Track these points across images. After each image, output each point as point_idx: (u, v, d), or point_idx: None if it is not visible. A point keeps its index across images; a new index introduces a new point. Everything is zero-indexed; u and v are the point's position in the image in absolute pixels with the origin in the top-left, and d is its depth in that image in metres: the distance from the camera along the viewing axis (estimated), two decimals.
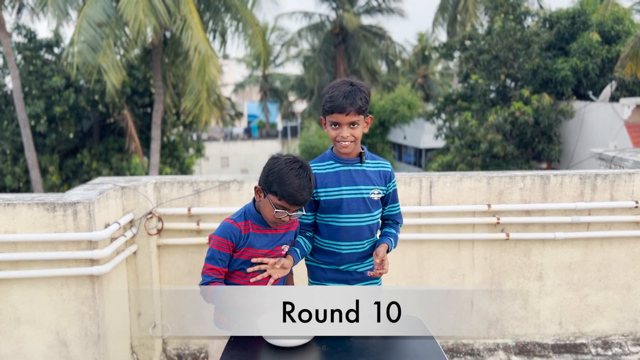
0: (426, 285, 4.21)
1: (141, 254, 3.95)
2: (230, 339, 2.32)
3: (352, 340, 2.28)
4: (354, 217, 2.61)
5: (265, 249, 2.53)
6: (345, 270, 2.69)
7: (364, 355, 2.15)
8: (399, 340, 2.30)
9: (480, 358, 4.24)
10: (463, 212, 4.08)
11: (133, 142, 16.41)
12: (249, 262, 2.51)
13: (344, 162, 2.64)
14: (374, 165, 2.68)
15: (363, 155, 2.65)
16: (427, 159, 23.78)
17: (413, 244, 4.15)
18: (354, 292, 2.58)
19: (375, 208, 2.66)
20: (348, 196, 2.60)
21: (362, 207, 2.62)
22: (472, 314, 4.28)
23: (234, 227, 2.49)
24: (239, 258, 2.52)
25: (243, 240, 2.49)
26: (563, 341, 4.32)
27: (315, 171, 2.62)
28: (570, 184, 4.10)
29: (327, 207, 2.62)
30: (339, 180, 2.62)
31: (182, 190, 4.00)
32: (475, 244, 4.16)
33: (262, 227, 2.53)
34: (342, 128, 2.52)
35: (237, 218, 2.52)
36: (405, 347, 2.21)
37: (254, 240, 2.50)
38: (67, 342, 3.50)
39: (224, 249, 2.48)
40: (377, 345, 2.25)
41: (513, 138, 17.11)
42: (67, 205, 3.33)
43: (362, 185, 2.62)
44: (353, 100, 2.47)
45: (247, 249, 2.50)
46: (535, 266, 4.21)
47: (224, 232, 2.49)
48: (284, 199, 2.39)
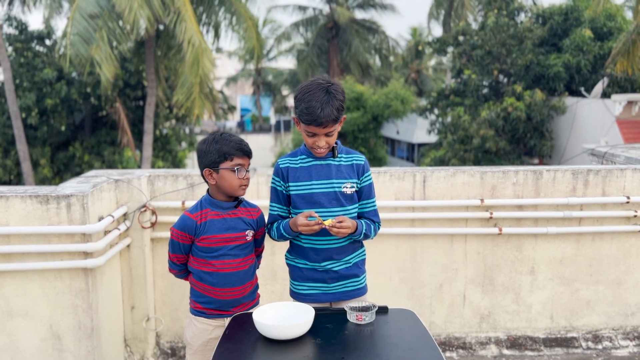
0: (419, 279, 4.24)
1: (135, 247, 3.94)
2: (225, 332, 2.33)
3: (346, 333, 2.30)
4: (327, 211, 2.58)
5: (226, 233, 2.60)
6: (322, 269, 2.63)
7: (358, 349, 2.16)
8: (392, 333, 2.31)
9: (472, 352, 4.27)
10: (456, 207, 4.10)
11: (125, 135, 16.35)
12: (211, 249, 2.60)
13: (316, 157, 2.62)
14: (347, 159, 2.66)
15: (335, 149, 2.62)
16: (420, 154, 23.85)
17: (406, 238, 4.17)
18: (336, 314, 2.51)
19: (349, 203, 2.62)
20: (319, 190, 2.59)
21: (334, 201, 2.59)
22: (464, 308, 4.31)
23: (189, 219, 2.60)
24: (201, 246, 2.60)
25: (200, 229, 2.58)
26: (554, 335, 4.36)
27: (286, 165, 2.64)
28: (563, 179, 4.12)
29: (299, 201, 2.61)
30: (310, 174, 2.60)
31: (176, 183, 4.00)
32: (468, 238, 4.19)
33: (220, 212, 2.62)
34: (318, 137, 2.51)
35: (193, 209, 2.64)
36: (399, 340, 2.23)
37: (211, 226, 2.59)
38: (61, 335, 3.50)
39: (182, 239, 2.61)
40: (370, 338, 2.26)
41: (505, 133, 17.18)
42: (61, 198, 3.32)
43: (334, 179, 2.59)
44: (330, 112, 2.43)
45: (206, 237, 2.59)
46: (527, 261, 4.24)
47: (181, 225, 2.62)
48: (235, 155, 2.54)
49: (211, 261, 2.60)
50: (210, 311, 2.66)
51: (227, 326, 2.38)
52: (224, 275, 2.61)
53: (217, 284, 2.62)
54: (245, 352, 2.17)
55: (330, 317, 2.44)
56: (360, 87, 22.65)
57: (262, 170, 4.13)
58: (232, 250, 2.62)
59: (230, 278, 2.62)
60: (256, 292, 2.80)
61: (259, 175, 4.06)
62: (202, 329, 2.67)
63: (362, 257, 2.75)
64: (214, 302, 2.64)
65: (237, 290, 2.65)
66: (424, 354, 2.09)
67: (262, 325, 2.21)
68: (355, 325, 2.37)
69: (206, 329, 2.67)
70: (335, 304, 2.76)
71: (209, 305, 2.65)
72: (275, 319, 2.31)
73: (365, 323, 2.37)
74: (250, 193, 4.02)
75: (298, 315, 2.32)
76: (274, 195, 2.68)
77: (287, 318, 2.32)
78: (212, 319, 2.66)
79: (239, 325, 2.40)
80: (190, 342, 2.70)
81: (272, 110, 40.72)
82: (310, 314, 2.28)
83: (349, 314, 2.41)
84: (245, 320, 2.42)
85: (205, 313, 2.66)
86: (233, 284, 2.64)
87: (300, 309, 2.36)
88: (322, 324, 2.35)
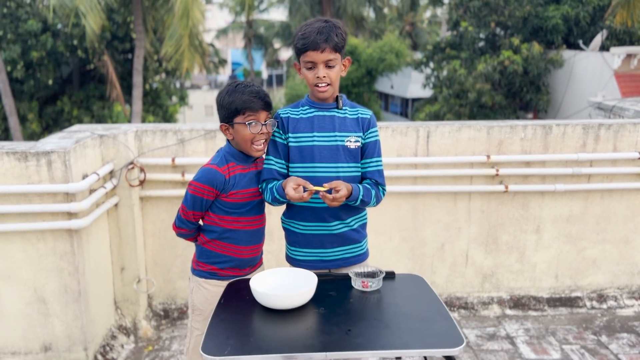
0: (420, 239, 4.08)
1: (123, 206, 3.74)
2: (220, 300, 2.15)
3: (351, 302, 2.12)
4: (329, 166, 2.37)
5: (253, 187, 2.44)
6: (320, 232, 2.42)
7: (365, 319, 1.99)
8: (401, 301, 2.14)
9: (474, 312, 4.15)
10: (461, 164, 3.91)
11: (114, 89, 15.92)
12: (240, 205, 2.40)
13: (319, 107, 2.41)
14: (352, 112, 2.44)
15: (340, 99, 2.41)
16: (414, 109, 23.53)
17: (408, 197, 3.98)
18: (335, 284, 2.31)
19: (352, 159, 2.41)
20: (321, 143, 2.38)
21: (337, 156, 2.38)
22: (466, 268, 4.17)
23: (219, 173, 2.37)
24: (229, 202, 2.39)
25: (229, 184, 2.37)
26: (558, 294, 4.24)
27: (287, 115, 2.43)
28: (573, 134, 3.92)
29: (298, 154, 2.39)
30: (312, 125, 2.39)
31: (165, 139, 3.77)
32: (473, 196, 4.01)
33: (245, 166, 2.43)
34: (317, 68, 2.29)
35: (219, 162, 2.40)
36: (409, 310, 2.06)
37: (240, 180, 2.40)
38: (46, 299, 3.33)
39: (208, 195, 2.38)
40: (378, 307, 2.09)
41: (501, 88, 16.88)
42: (41, 155, 3.09)
43: (337, 132, 2.38)
44: (328, 36, 2.25)
45: (235, 191, 2.38)
46: (533, 219, 4.08)
47: (209, 179, 2.37)
48: (247, 109, 2.33)
49: (238, 217, 2.42)
50: (224, 272, 2.47)
51: (222, 295, 2.20)
52: (251, 232, 2.47)
53: (242, 242, 2.45)
54: (243, 323, 2.00)
55: (333, 284, 2.27)
56: (354, 40, 22.15)
57: None
58: (257, 205, 2.47)
59: (255, 234, 2.49)
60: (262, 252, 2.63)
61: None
62: (214, 292, 2.44)
63: (363, 221, 2.53)
64: (233, 261, 2.47)
65: (257, 248, 2.53)
66: (438, 325, 1.93)
67: (261, 294, 2.03)
68: (360, 292, 2.20)
69: (219, 291, 2.41)
70: (334, 271, 2.58)
71: (225, 265, 2.46)
72: (275, 287, 2.13)
73: (371, 290, 2.20)
74: None
75: (299, 283, 2.14)
76: (272, 148, 2.44)
77: (288, 286, 2.14)
78: (225, 280, 2.46)
79: (235, 293, 2.22)
80: (201, 308, 2.49)
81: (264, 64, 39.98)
82: (312, 282, 2.10)
83: (353, 280, 2.23)
84: (242, 287, 2.24)
85: (218, 275, 2.47)
86: (256, 240, 2.51)
87: (302, 276, 2.18)
88: (325, 291, 2.18)
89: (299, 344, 1.83)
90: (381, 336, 1.86)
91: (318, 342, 1.83)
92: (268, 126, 2.37)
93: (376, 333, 1.88)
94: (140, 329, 3.91)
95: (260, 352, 1.78)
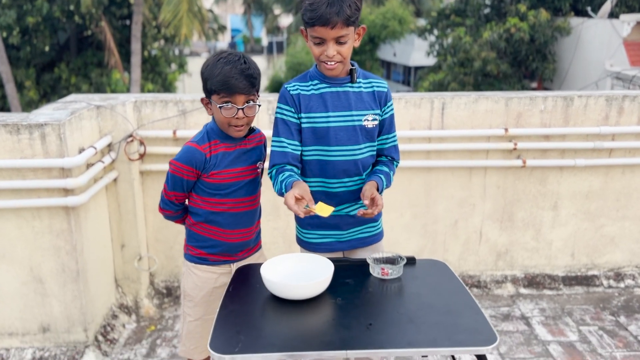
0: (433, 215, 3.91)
1: (122, 181, 3.56)
2: (229, 289, 1.98)
3: (370, 291, 1.96)
4: (345, 149, 2.17)
5: (239, 167, 2.21)
6: (337, 214, 2.23)
7: (386, 311, 1.83)
8: (424, 290, 1.98)
9: (487, 290, 4.01)
10: (477, 137, 3.71)
11: (112, 56, 15.59)
12: (223, 186, 2.20)
13: (330, 82, 2.17)
14: (367, 85, 2.21)
15: (354, 73, 2.16)
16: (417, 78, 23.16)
17: (420, 172, 3.80)
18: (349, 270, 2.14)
19: (370, 139, 2.22)
20: (337, 124, 2.16)
21: (354, 137, 2.17)
22: (480, 245, 4.01)
23: (198, 152, 2.16)
24: (211, 183, 2.19)
25: (210, 163, 2.16)
26: (574, 273, 4.09)
27: (297, 92, 2.17)
28: (595, 106, 3.72)
29: (311, 136, 2.17)
30: (325, 104, 2.16)
31: (166, 110, 3.57)
32: (488, 171, 3.83)
33: (231, 144, 2.20)
34: (326, 45, 2.04)
35: (200, 140, 2.18)
36: (434, 300, 1.89)
37: (223, 160, 2.18)
38: (43, 279, 3.17)
39: (187, 175, 2.19)
40: (399, 298, 1.93)
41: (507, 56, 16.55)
42: (33, 128, 2.89)
43: (353, 111, 2.16)
44: (340, 9, 1.97)
45: (217, 172, 2.18)
46: (550, 195, 3.91)
47: (188, 158, 2.17)
48: (222, 91, 2.07)
49: (222, 200, 2.22)
50: (215, 257, 2.31)
51: (230, 283, 2.03)
52: (237, 215, 2.26)
53: (228, 225, 2.26)
54: (254, 315, 1.84)
55: (350, 271, 2.10)
56: None
57: None
58: (246, 186, 2.25)
59: (243, 218, 2.28)
60: (260, 235, 2.46)
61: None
62: (205, 278, 2.32)
63: None
64: (221, 246, 2.29)
65: (247, 231, 2.32)
66: (467, 319, 1.76)
67: (274, 284, 1.86)
68: (379, 280, 2.03)
69: (210, 277, 2.32)
70: (348, 253, 2.42)
71: (214, 250, 2.30)
72: (288, 275, 1.96)
73: (390, 278, 2.04)
74: None
75: (315, 271, 1.97)
76: (284, 128, 2.17)
77: (302, 274, 1.97)
78: (216, 265, 2.32)
79: (244, 281, 2.05)
80: (191, 294, 2.35)
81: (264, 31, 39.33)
82: (329, 270, 1.92)
83: (372, 267, 2.07)
84: (251, 274, 2.08)
85: (208, 260, 2.31)
86: (245, 224, 2.30)
87: (317, 263, 2.00)
88: (341, 278, 2.01)
89: (317, 340, 1.67)
90: (405, 332, 1.70)
91: (337, 338, 1.67)
92: (248, 110, 2.11)
93: (400, 328, 1.72)
94: (142, 308, 3.77)
95: (275, 349, 1.62)
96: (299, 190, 1.95)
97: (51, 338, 3.29)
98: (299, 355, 1.62)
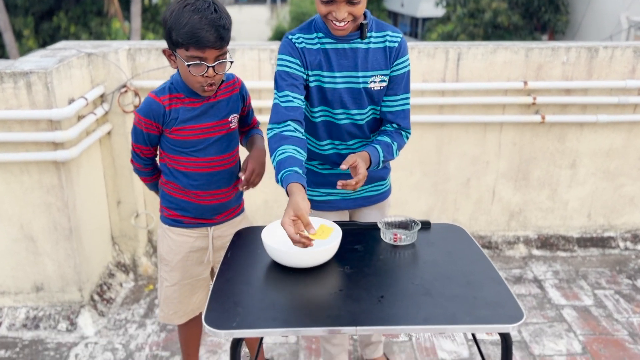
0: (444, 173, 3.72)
1: (116, 134, 3.36)
2: (227, 255, 1.81)
3: (381, 259, 1.79)
4: (348, 113, 1.97)
5: (205, 122, 1.98)
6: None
7: (400, 282, 1.66)
8: (440, 258, 1.80)
9: (498, 252, 3.86)
10: (494, 91, 3.48)
11: (112, 4, 15.15)
12: (189, 143, 1.99)
13: (337, 37, 1.91)
14: (379, 39, 1.94)
15: (365, 28, 1.90)
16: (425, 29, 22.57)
17: (432, 128, 3.59)
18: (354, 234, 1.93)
19: (374, 102, 2.00)
20: (341, 85, 1.93)
21: (357, 100, 1.96)
22: (492, 204, 3.83)
23: (155, 103, 1.94)
24: (174, 139, 1.98)
25: (170, 117, 1.94)
26: (590, 234, 3.92)
27: (304, 47, 1.92)
28: (622, 58, 3.47)
29: (318, 96, 1.96)
30: (329, 62, 1.92)
31: (162, 59, 3.34)
32: (504, 127, 3.62)
33: (197, 99, 1.96)
34: (337, 5, 1.79)
35: (160, 91, 1.96)
36: (451, 270, 1.72)
37: (186, 114, 1.95)
38: (34, 237, 3.02)
39: (149, 129, 1.99)
40: (413, 267, 1.76)
41: (518, 7, 16.05)
42: (18, 76, 2.68)
43: (359, 72, 1.93)
44: None
45: (179, 127, 1.96)
46: (569, 153, 3.70)
47: (145, 110, 1.97)
48: (189, 45, 1.79)
49: (190, 158, 2.01)
50: (189, 219, 2.13)
51: (228, 248, 1.86)
52: (207, 175, 2.05)
53: (200, 187, 2.06)
54: (253, 284, 1.66)
55: (359, 236, 1.93)
56: None
57: (262, 45, 3.47)
58: (216, 143, 2.02)
59: (214, 178, 2.07)
60: (242, 196, 2.26)
61: (261, 51, 3.39)
62: (180, 242, 2.15)
63: None
64: (194, 209, 2.10)
65: (224, 193, 2.11)
66: (488, 291, 1.59)
67: (276, 251, 1.68)
68: (391, 247, 1.86)
69: (185, 241, 2.15)
70: (352, 212, 2.26)
71: (187, 213, 2.11)
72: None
73: (404, 244, 1.86)
74: (252, 72, 3.39)
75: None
76: (289, 81, 1.89)
77: None
78: (191, 228, 2.14)
79: (243, 246, 1.88)
80: (167, 258, 2.19)
81: None
82: (337, 236, 1.75)
83: (383, 232, 1.89)
84: (251, 238, 1.90)
85: (183, 222, 2.13)
86: (219, 184, 2.09)
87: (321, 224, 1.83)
88: (348, 244, 1.84)
89: (324, 315, 1.50)
90: (421, 306, 1.53)
91: (346, 312, 1.50)
92: (219, 67, 1.86)
93: (414, 302, 1.55)
94: (140, 266, 3.63)
95: (277, 324, 1.46)
96: (294, 210, 1.60)
97: (45, 297, 3.16)
98: (303, 331, 1.46)
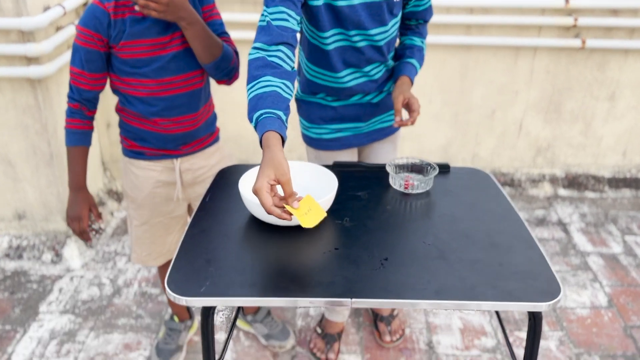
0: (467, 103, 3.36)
1: None
2: (205, 199, 1.52)
3: (388, 209, 1.49)
4: (366, 34, 1.62)
5: (159, 37, 1.63)
6: (357, 103, 1.79)
7: (409, 241, 1.36)
8: (459, 212, 1.50)
9: (520, 190, 3.55)
10: (529, 10, 3.06)
11: None
12: (141, 61, 1.65)
13: None
14: None
15: None
16: None
17: (457, 51, 3.19)
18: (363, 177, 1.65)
19: (395, 15, 1.66)
20: (359, 0, 1.56)
21: (377, 17, 1.60)
22: (518, 139, 3.48)
23: (99, 10, 1.59)
24: (125, 58, 1.65)
25: (117, 29, 1.60)
26: (623, 174, 3.58)
27: None
28: None
29: (323, 18, 1.57)
30: None
31: None
32: (538, 52, 3.21)
33: None
34: None
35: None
36: (473, 228, 1.42)
37: (136, 26, 1.61)
38: (12, 161, 2.76)
39: (91, 44, 1.62)
40: (426, 222, 1.46)
41: None
42: None
43: None
44: None
45: (128, 42, 1.62)
46: (609, 83, 3.30)
47: (87, 19, 1.60)
48: None
49: (144, 80, 1.69)
50: (152, 151, 1.84)
51: (207, 190, 1.56)
52: (166, 99, 1.73)
53: (158, 113, 1.74)
54: (231, 238, 1.38)
55: (363, 180, 1.62)
56: None
57: None
58: (173, 61, 1.68)
59: (175, 102, 1.74)
60: (215, 123, 1.96)
61: None
62: (143, 177, 1.88)
63: None
64: (155, 139, 1.81)
65: (189, 119, 1.80)
66: (520, 257, 1.29)
67: (254, 206, 1.35)
68: (401, 194, 1.55)
69: (149, 175, 1.87)
70: (362, 149, 1.96)
71: (148, 143, 1.82)
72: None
73: (417, 192, 1.56)
74: None
75: (311, 183, 1.49)
76: None
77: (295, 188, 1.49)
78: (154, 160, 1.86)
79: (224, 188, 1.58)
80: (132, 195, 1.93)
81: None
82: (332, 188, 1.44)
83: (392, 177, 1.58)
84: (233, 182, 1.60)
85: (144, 154, 1.85)
86: (182, 110, 1.77)
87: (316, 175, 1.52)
88: (350, 190, 1.54)
89: (312, 281, 1.22)
90: (433, 274, 1.23)
91: (341, 278, 1.21)
92: None
93: (426, 267, 1.26)
94: None
95: (256, 292, 1.18)
96: (275, 172, 1.17)
97: (28, 226, 2.94)
98: (285, 302, 1.18)
